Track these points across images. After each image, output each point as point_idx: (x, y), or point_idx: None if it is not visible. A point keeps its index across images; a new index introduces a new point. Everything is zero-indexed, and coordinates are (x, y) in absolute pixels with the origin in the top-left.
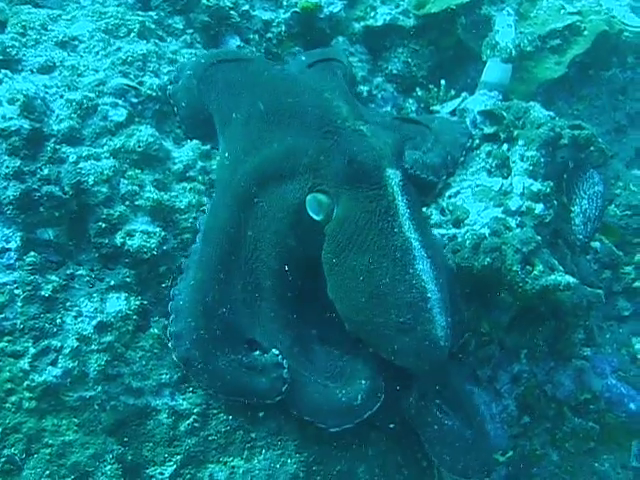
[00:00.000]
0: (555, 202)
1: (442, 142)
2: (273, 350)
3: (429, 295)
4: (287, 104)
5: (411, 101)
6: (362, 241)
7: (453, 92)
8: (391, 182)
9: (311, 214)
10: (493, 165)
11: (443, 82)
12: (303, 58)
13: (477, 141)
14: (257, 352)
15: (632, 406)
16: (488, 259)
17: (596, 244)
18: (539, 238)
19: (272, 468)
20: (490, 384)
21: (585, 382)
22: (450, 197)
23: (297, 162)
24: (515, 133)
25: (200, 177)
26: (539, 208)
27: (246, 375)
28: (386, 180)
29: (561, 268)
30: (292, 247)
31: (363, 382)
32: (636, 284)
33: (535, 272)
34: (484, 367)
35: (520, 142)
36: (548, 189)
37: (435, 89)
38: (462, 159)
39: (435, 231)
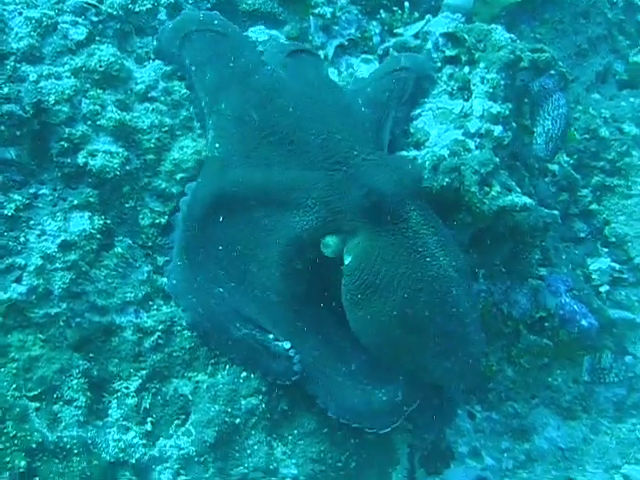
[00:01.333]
0: (514, 124)
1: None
2: (285, 343)
3: (467, 320)
4: (285, 126)
5: (375, 23)
6: (392, 276)
7: (417, 15)
8: (414, 214)
9: (325, 253)
10: (454, 88)
11: (407, 4)
12: (276, 49)
13: (439, 64)
14: (271, 335)
15: (584, 323)
16: (447, 179)
17: (555, 167)
18: (497, 160)
19: (235, 383)
20: None
21: (540, 300)
22: (412, 119)
23: (304, 195)
24: (476, 56)
25: (163, 98)
26: (498, 130)
27: (260, 352)
28: (409, 212)
29: (518, 189)
30: (299, 269)
31: (400, 378)
32: (593, 207)
33: (492, 193)
34: None
35: (481, 65)
36: (507, 111)
37: (399, 11)
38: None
39: (396, 153)
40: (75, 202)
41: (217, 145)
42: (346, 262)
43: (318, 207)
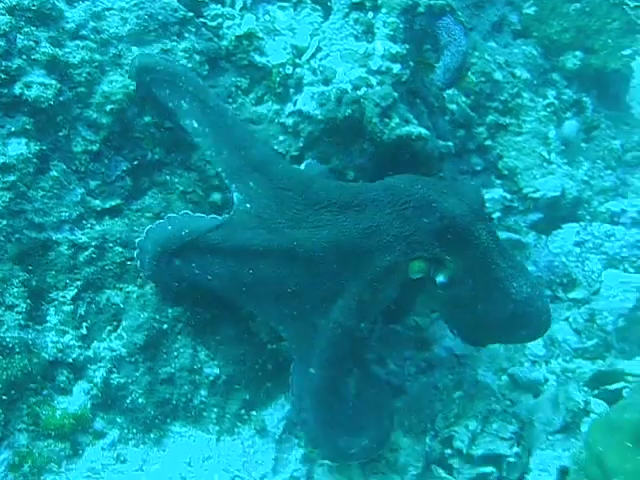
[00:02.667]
0: (411, 63)
1: None
2: None
3: (534, 296)
4: (340, 195)
5: None
6: (474, 284)
7: None
8: (482, 232)
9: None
10: (360, 31)
11: None
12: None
13: (346, 10)
14: None
15: None
16: (349, 110)
17: (453, 106)
18: (396, 94)
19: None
20: None
21: None
22: (321, 59)
23: (384, 236)
24: (379, 1)
25: (92, 36)
26: (397, 68)
27: None
28: (479, 230)
29: (415, 122)
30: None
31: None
32: (487, 142)
33: (392, 124)
34: None
35: (383, 10)
36: (405, 51)
37: None
38: None
39: (306, 89)
40: (13, 129)
41: (249, 205)
42: (440, 280)
43: (398, 242)
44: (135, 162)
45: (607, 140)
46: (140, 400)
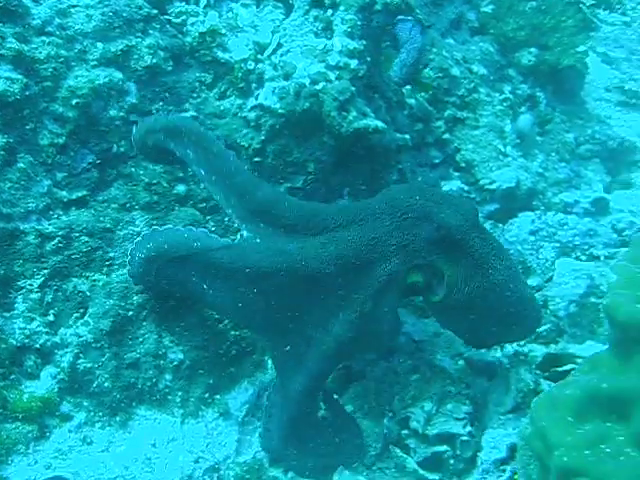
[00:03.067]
0: (368, 59)
1: None
2: None
3: (523, 298)
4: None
5: None
6: (470, 290)
7: None
8: (476, 240)
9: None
10: (319, 28)
11: None
12: None
13: (306, 7)
14: None
15: None
16: (307, 104)
17: (411, 101)
18: (354, 89)
19: (128, 281)
20: None
21: None
22: (282, 55)
23: (386, 247)
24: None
25: (58, 32)
26: (354, 63)
27: None
28: (473, 239)
29: (373, 115)
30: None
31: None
32: (445, 136)
33: (349, 117)
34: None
35: (341, 7)
36: (362, 47)
37: None
38: None
39: (268, 84)
40: None
41: (258, 240)
42: (437, 288)
43: (397, 252)
44: (101, 155)
45: (561, 134)
46: (106, 384)
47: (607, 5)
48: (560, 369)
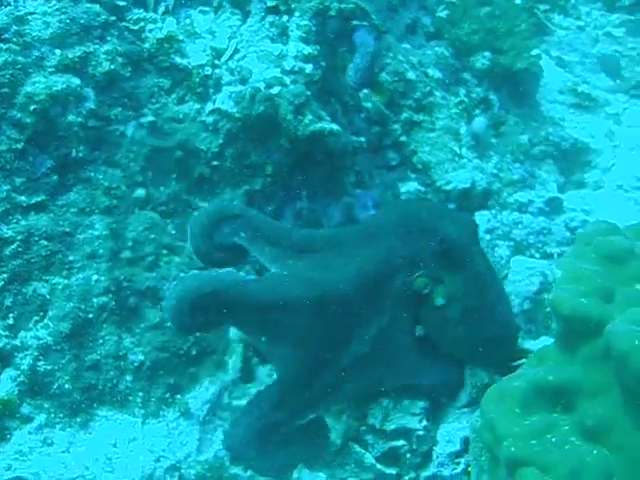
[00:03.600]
0: (323, 64)
1: None
2: None
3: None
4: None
5: None
6: (469, 305)
7: None
8: (476, 255)
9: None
10: (275, 33)
11: None
12: None
13: (262, 13)
14: None
15: None
16: (262, 107)
17: (368, 104)
18: (309, 93)
19: (88, 284)
20: (276, 218)
21: (352, 214)
22: (239, 60)
23: (396, 259)
24: (293, 5)
25: (15, 39)
26: (309, 68)
27: None
28: (474, 253)
29: (328, 119)
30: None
31: None
32: (402, 139)
33: (305, 121)
34: (270, 204)
35: (297, 13)
36: (316, 52)
37: None
38: None
39: (225, 89)
40: None
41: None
42: (438, 300)
43: (405, 264)
44: (60, 160)
45: (515, 135)
46: (66, 386)
47: (562, 10)
48: (514, 364)
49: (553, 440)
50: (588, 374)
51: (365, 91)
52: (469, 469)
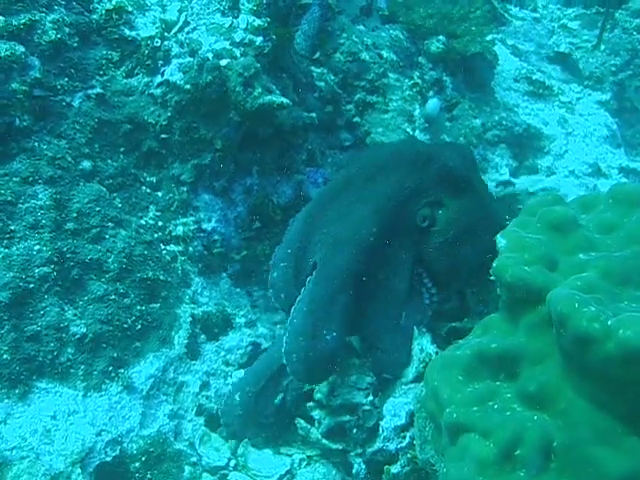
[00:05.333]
0: (274, 36)
1: None
2: None
3: None
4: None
5: None
6: (468, 222)
7: None
8: (475, 179)
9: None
10: (226, 7)
11: None
12: None
13: None
14: None
15: None
16: (210, 77)
17: (321, 84)
18: (259, 65)
19: (29, 254)
20: (225, 194)
21: (303, 190)
22: (188, 33)
23: (403, 190)
24: None
25: None
26: (259, 40)
27: None
28: (472, 177)
29: (278, 92)
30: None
31: None
32: (356, 119)
33: (255, 93)
34: (220, 179)
35: None
36: (266, 24)
37: None
38: None
39: (174, 61)
40: None
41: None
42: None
43: (412, 193)
44: (3, 128)
45: (469, 119)
46: (5, 356)
47: (518, 2)
48: (461, 341)
49: (495, 407)
50: (531, 342)
51: (318, 70)
52: (415, 442)
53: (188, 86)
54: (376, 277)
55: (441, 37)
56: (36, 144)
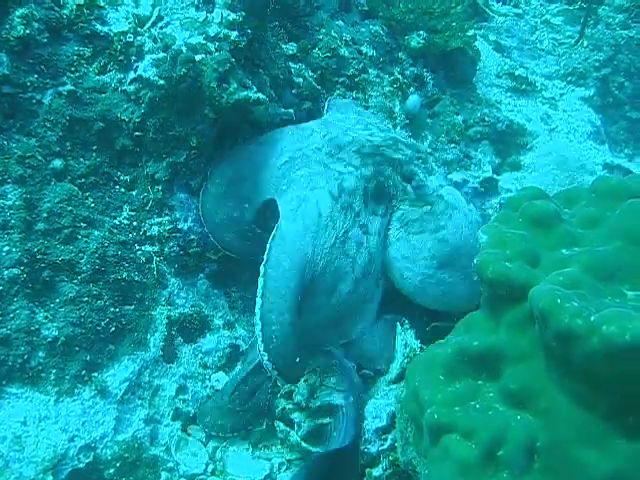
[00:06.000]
0: (249, 31)
1: None
2: None
3: None
4: None
5: None
6: None
7: None
8: None
9: None
10: (200, 1)
11: None
12: None
13: None
14: None
15: None
16: (184, 70)
17: (299, 80)
18: (234, 60)
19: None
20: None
21: None
22: (162, 28)
23: None
24: None
25: None
26: (234, 35)
27: None
28: None
29: (254, 87)
30: None
31: None
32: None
33: (230, 89)
34: (196, 178)
35: None
36: (241, 18)
37: None
38: None
39: (147, 57)
40: None
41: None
42: None
43: None
44: None
45: (450, 116)
46: None
47: None
48: (442, 341)
49: (477, 407)
50: (513, 339)
51: (296, 66)
52: (396, 444)
53: (162, 82)
54: None
55: (422, 32)
56: (5, 142)
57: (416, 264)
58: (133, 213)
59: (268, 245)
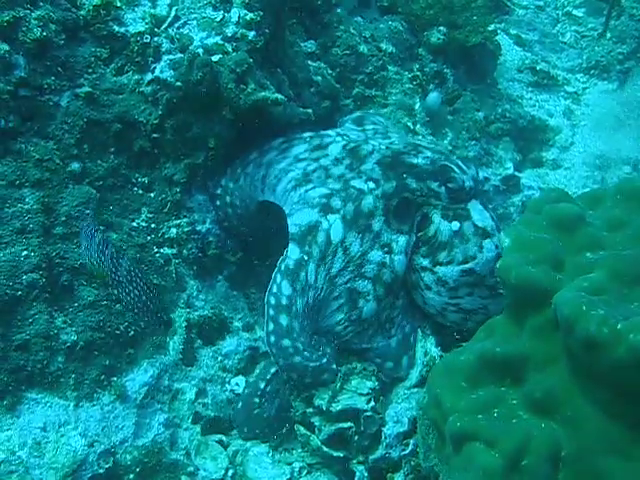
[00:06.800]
0: (267, 31)
1: None
2: None
3: None
4: None
5: None
6: None
7: None
8: None
9: None
10: (218, 1)
11: None
12: None
13: None
14: None
15: None
16: (201, 73)
17: (318, 78)
18: (251, 60)
19: (16, 260)
20: None
21: None
22: (179, 28)
23: None
24: None
25: None
26: (251, 35)
27: None
28: None
29: (273, 88)
30: None
31: None
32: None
33: (248, 89)
34: (213, 179)
35: None
36: (259, 18)
37: None
38: None
39: (164, 57)
40: None
41: None
42: None
43: None
44: None
45: (471, 112)
46: None
47: None
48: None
49: (501, 414)
50: (537, 345)
51: (314, 64)
52: (418, 449)
53: (179, 83)
54: None
55: (442, 28)
56: (23, 146)
57: (440, 295)
58: (151, 215)
59: (273, 275)
